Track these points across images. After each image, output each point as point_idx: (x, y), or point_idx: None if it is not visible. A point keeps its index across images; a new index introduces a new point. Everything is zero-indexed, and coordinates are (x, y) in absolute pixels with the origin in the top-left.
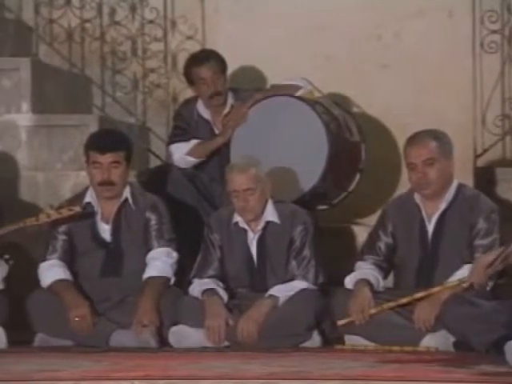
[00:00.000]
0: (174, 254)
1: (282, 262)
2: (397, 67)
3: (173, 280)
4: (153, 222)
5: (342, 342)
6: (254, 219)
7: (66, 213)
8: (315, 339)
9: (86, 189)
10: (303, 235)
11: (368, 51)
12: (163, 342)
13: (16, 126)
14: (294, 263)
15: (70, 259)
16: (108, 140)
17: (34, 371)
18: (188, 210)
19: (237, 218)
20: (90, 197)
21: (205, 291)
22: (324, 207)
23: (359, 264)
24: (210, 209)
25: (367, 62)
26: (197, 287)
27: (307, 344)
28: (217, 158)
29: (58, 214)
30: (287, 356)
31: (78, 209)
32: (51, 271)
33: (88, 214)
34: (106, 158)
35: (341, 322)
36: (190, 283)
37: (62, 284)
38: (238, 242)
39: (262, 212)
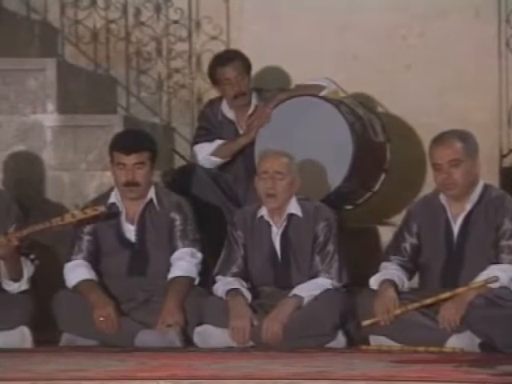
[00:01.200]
0: (199, 255)
1: (307, 258)
2: (421, 67)
3: (197, 280)
4: (177, 223)
5: (367, 343)
6: (277, 209)
7: (90, 213)
8: (340, 340)
9: (111, 189)
10: (326, 231)
11: (393, 51)
12: (188, 342)
13: (42, 126)
14: (317, 259)
15: (95, 259)
16: (132, 141)
17: (60, 371)
18: (212, 210)
19: (262, 212)
20: (114, 197)
21: (229, 291)
22: (349, 207)
23: (384, 265)
24: (235, 209)
25: (392, 62)
26: (221, 287)
27: (332, 344)
28: (241, 159)
29: (83, 214)
30: (312, 356)
31: (102, 209)
32: (76, 271)
33: (113, 214)
34: (131, 159)
35: (366, 323)
36: (213, 281)
37: (87, 284)
38: (262, 237)
39: (286, 205)
